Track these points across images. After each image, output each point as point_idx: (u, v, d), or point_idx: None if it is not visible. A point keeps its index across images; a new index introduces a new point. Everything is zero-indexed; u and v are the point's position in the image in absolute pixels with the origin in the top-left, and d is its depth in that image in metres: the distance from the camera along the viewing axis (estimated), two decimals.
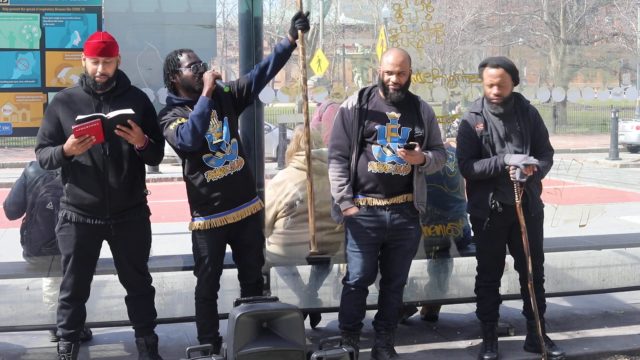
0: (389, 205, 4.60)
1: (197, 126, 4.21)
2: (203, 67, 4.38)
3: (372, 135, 4.57)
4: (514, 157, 4.62)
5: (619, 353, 5.09)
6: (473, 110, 4.82)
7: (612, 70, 8.48)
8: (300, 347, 4.07)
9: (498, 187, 4.72)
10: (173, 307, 5.32)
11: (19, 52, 4.80)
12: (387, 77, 4.57)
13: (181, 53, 4.40)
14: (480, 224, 4.83)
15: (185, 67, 4.36)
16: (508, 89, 4.73)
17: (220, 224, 4.44)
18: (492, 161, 4.67)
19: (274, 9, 38.03)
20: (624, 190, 14.55)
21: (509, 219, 4.77)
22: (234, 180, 4.42)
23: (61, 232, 4.39)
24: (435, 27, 5.43)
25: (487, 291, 4.96)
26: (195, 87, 4.35)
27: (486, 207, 4.75)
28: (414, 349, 5.14)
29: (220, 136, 4.39)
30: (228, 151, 4.42)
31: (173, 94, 4.44)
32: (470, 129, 4.77)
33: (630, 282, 6.15)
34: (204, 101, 4.26)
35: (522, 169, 4.57)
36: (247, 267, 4.61)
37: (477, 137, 4.75)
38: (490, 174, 4.67)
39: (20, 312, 5.31)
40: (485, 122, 4.75)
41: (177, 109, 4.37)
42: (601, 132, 25.10)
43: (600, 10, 29.69)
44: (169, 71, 4.40)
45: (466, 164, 4.74)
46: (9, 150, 21.91)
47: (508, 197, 4.71)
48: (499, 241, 4.88)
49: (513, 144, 4.73)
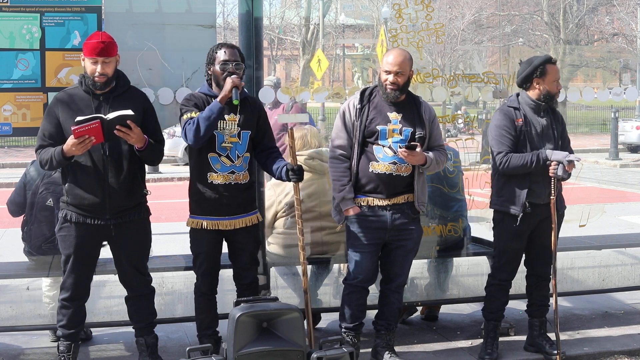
0: (390, 206, 4.60)
1: (201, 128, 4.24)
2: (235, 67, 4.39)
3: (373, 135, 4.57)
4: (556, 153, 4.65)
5: (619, 353, 5.10)
6: (511, 105, 4.84)
7: (612, 70, 8.46)
8: (300, 347, 4.07)
9: (531, 187, 4.73)
10: (173, 307, 5.32)
11: (19, 52, 4.80)
12: (385, 76, 4.57)
13: (220, 48, 4.45)
14: (509, 221, 4.80)
15: (217, 63, 4.40)
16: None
17: (211, 227, 4.46)
18: (535, 155, 4.68)
19: (274, 9, 38.01)
20: (624, 190, 14.56)
21: (535, 220, 4.80)
22: (233, 190, 4.43)
23: (61, 232, 4.39)
24: (435, 27, 5.43)
25: (498, 290, 4.95)
26: (222, 85, 4.38)
27: (520, 204, 4.75)
28: (414, 349, 5.15)
29: (233, 141, 4.40)
30: (238, 162, 4.43)
31: (209, 84, 4.50)
32: (510, 123, 4.77)
33: (630, 282, 6.16)
34: (215, 106, 4.29)
35: (565, 165, 4.60)
36: (239, 267, 4.63)
37: (516, 131, 4.76)
38: (531, 167, 4.68)
39: (20, 312, 5.31)
40: (525, 116, 4.78)
41: (201, 99, 4.42)
42: (601, 132, 25.09)
43: (600, 10, 29.67)
44: (207, 62, 4.48)
45: (506, 156, 4.72)
46: (9, 150, 21.90)
47: (540, 195, 4.73)
48: (522, 241, 4.88)
49: (549, 142, 4.77)
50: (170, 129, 12.73)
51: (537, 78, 4.78)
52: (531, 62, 4.80)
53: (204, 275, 4.54)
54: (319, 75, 18.94)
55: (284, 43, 37.64)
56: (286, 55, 40.61)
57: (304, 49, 27.98)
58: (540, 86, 4.78)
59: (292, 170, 4.42)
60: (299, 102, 6.64)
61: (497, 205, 4.88)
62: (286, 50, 39.32)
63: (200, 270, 4.54)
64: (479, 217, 6.04)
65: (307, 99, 5.65)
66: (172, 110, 4.99)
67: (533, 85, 4.81)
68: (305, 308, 4.52)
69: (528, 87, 4.84)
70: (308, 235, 5.19)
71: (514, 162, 4.71)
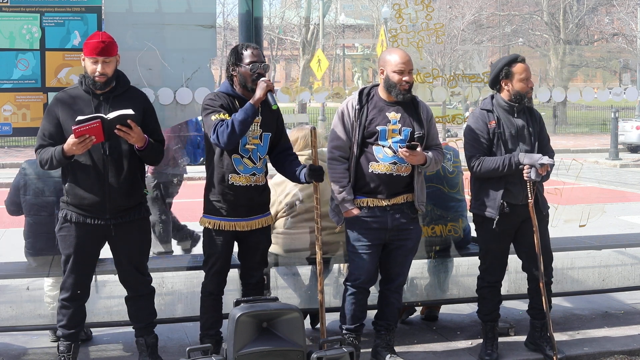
0: (390, 206, 4.60)
1: (236, 130, 4.20)
2: (263, 68, 4.37)
3: (373, 136, 4.57)
4: (529, 156, 4.63)
5: (619, 353, 5.09)
6: (484, 108, 4.82)
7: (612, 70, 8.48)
8: (300, 347, 4.07)
9: (508, 187, 4.71)
10: (173, 307, 5.32)
11: (19, 52, 4.80)
12: (399, 77, 4.52)
13: (247, 48, 4.41)
14: (488, 223, 4.79)
15: (245, 64, 4.37)
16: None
17: (229, 228, 4.45)
18: (507, 159, 4.66)
19: (274, 9, 38.03)
20: (624, 190, 14.55)
21: (516, 220, 4.78)
22: (252, 193, 4.44)
23: (61, 232, 4.39)
24: (435, 27, 5.43)
25: (489, 291, 4.95)
26: (249, 86, 4.36)
27: (496, 206, 4.73)
28: (414, 349, 5.14)
29: (255, 143, 4.40)
30: (260, 164, 4.44)
31: (230, 82, 4.45)
32: (482, 125, 4.76)
33: (630, 282, 6.16)
34: (250, 109, 4.25)
35: (537, 168, 4.58)
36: (249, 267, 4.62)
37: (489, 134, 4.75)
38: (503, 171, 4.66)
39: (20, 312, 5.31)
40: (498, 119, 4.76)
41: (226, 100, 4.38)
42: (601, 132, 25.09)
43: (600, 10, 29.66)
44: (230, 62, 4.43)
45: (478, 160, 4.72)
46: (9, 150, 21.87)
47: (517, 196, 4.71)
48: (504, 241, 4.87)
49: (524, 143, 4.74)
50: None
51: (504, 79, 4.76)
52: (497, 64, 4.79)
53: (214, 275, 4.53)
54: (319, 75, 18.95)
55: (284, 43, 37.67)
56: (286, 55, 40.65)
57: (304, 49, 28.01)
58: (508, 87, 4.76)
59: (313, 170, 4.43)
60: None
61: (475, 208, 4.89)
62: (286, 50, 39.36)
63: (211, 270, 4.53)
64: None
65: (307, 99, 5.66)
66: (172, 110, 5.00)
67: (502, 87, 4.79)
68: (319, 308, 4.53)
69: (498, 89, 4.83)
70: (308, 235, 5.19)
71: (486, 166, 4.69)
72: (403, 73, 4.51)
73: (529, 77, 4.73)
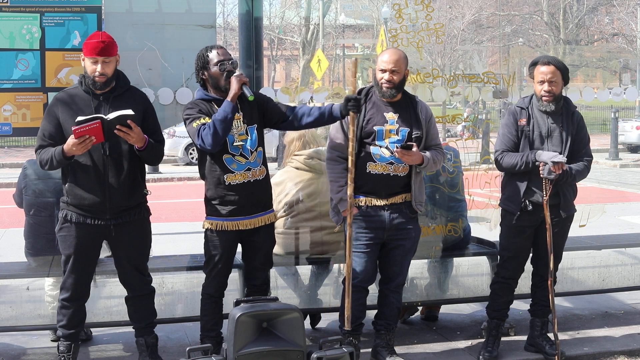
0: (387, 205, 4.60)
1: (218, 130, 4.19)
2: (232, 65, 4.36)
3: (370, 136, 4.57)
4: (544, 154, 4.64)
5: (619, 353, 5.09)
6: (519, 105, 4.84)
7: (612, 70, 8.47)
8: (300, 347, 4.07)
9: (531, 186, 4.74)
10: (173, 307, 5.32)
11: (19, 52, 4.80)
12: (381, 75, 4.57)
13: (211, 50, 4.40)
14: (509, 218, 4.83)
15: (213, 65, 4.36)
16: (559, 87, 4.75)
17: (232, 228, 4.43)
18: (524, 156, 4.69)
19: (274, 9, 38.01)
20: (624, 190, 14.56)
21: (537, 219, 4.79)
22: (252, 188, 4.42)
23: (61, 232, 4.39)
24: (435, 27, 5.43)
25: (502, 288, 4.96)
26: (222, 86, 4.35)
27: (517, 202, 4.76)
28: (414, 349, 5.14)
29: (243, 139, 4.38)
30: (252, 158, 4.41)
31: (203, 89, 4.44)
32: (512, 122, 4.79)
33: (630, 282, 6.16)
34: (228, 106, 4.24)
35: (550, 166, 4.59)
36: (254, 268, 4.61)
37: (517, 131, 4.77)
38: (520, 168, 4.69)
39: (20, 312, 5.31)
40: (529, 117, 4.77)
41: (204, 105, 4.36)
42: (601, 132, 25.08)
43: (600, 10, 29.68)
44: (198, 67, 4.41)
45: (500, 155, 4.78)
46: (9, 150, 21.91)
47: (540, 196, 4.73)
48: (524, 239, 4.88)
49: (553, 144, 4.75)
50: (170, 129, 12.70)
51: (531, 79, 4.81)
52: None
53: (215, 277, 4.51)
54: (319, 75, 18.93)
55: (284, 43, 37.65)
56: (286, 55, 40.62)
57: (304, 49, 27.99)
58: (534, 88, 4.81)
59: (351, 100, 4.35)
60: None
61: (501, 202, 4.94)
62: (286, 50, 39.34)
63: (213, 272, 4.51)
64: (479, 217, 6.05)
65: (307, 99, 5.66)
66: (172, 110, 5.00)
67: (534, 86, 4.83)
68: (345, 308, 4.53)
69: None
70: (308, 235, 5.20)
71: (507, 162, 4.74)
72: (385, 71, 4.54)
73: (544, 81, 4.70)
